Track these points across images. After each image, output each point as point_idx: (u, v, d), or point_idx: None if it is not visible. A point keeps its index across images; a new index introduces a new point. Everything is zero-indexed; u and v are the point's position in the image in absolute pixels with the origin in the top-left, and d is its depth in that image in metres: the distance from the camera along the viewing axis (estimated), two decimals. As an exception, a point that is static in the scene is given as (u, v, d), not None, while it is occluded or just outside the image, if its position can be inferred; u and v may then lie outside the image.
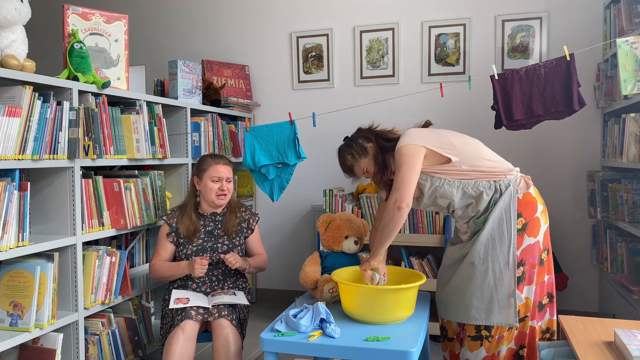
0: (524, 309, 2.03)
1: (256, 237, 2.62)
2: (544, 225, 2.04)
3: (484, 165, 2.05)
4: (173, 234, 2.48)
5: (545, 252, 2.06)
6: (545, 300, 2.07)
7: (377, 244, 2.11)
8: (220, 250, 2.45)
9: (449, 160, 2.04)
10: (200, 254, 2.43)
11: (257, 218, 2.63)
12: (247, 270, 2.51)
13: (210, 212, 2.53)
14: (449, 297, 2.13)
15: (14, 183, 1.92)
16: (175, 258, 2.50)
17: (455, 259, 2.14)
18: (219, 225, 2.51)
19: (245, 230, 2.56)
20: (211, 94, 3.48)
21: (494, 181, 2.03)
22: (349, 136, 2.30)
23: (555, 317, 2.09)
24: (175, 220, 2.48)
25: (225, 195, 2.48)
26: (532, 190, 2.05)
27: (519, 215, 2.01)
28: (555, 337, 2.08)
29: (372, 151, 2.20)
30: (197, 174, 2.51)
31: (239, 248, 2.50)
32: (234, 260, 2.37)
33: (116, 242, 2.90)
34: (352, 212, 3.11)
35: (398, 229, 2.04)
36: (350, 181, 2.39)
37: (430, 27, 3.61)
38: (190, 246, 2.44)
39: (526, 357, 2.05)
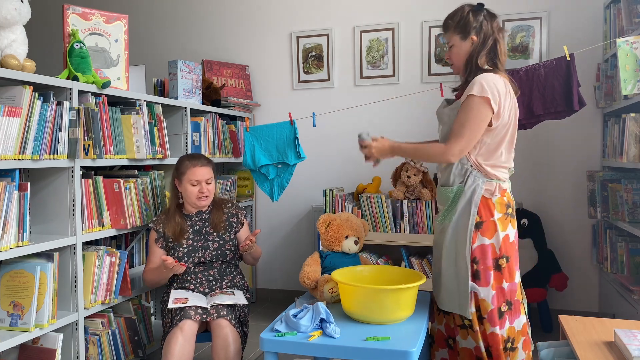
0: (483, 310, 2.02)
1: (247, 231, 2.62)
2: (502, 232, 2.02)
3: (493, 160, 2.03)
4: (161, 239, 2.48)
5: (504, 259, 2.02)
6: (504, 308, 2.04)
7: (408, 146, 2.19)
8: (211, 248, 2.46)
9: (490, 125, 1.97)
10: (192, 254, 2.43)
11: (244, 212, 2.64)
12: (245, 259, 2.55)
13: (195, 211, 2.53)
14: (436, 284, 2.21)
15: (14, 183, 1.92)
16: None
17: (436, 246, 2.21)
18: (207, 223, 2.51)
19: (235, 225, 2.56)
20: (211, 94, 3.48)
21: (470, 172, 2.03)
22: (486, 8, 2.07)
23: (514, 325, 2.06)
24: (161, 225, 2.48)
25: (206, 197, 2.48)
26: (496, 200, 2.02)
27: (476, 213, 2.01)
28: (515, 345, 2.06)
29: (470, 44, 2.04)
30: (176, 176, 2.51)
31: (230, 243, 2.50)
32: (253, 244, 2.41)
33: (116, 242, 2.90)
34: (352, 212, 3.11)
35: (427, 158, 2.15)
36: (350, 181, 2.40)
37: (430, 27, 3.61)
38: (180, 248, 2.44)
39: (494, 357, 2.03)
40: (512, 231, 2.06)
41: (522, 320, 2.08)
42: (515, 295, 2.06)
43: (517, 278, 2.07)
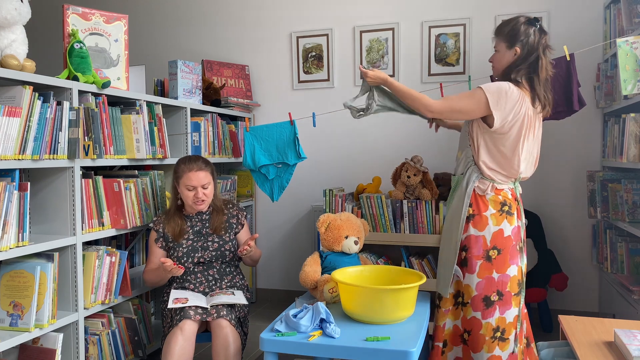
0: (466, 295, 2.17)
1: (247, 232, 2.62)
2: (494, 226, 2.14)
3: (490, 163, 2.17)
4: (161, 239, 2.48)
5: (495, 251, 2.15)
6: (494, 297, 2.14)
7: (401, 85, 2.28)
8: (211, 249, 2.45)
9: (490, 125, 2.12)
10: (192, 254, 2.43)
11: (245, 213, 2.63)
12: (244, 261, 2.54)
13: (195, 212, 2.53)
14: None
15: (14, 183, 1.92)
16: None
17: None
18: (207, 224, 2.51)
19: (235, 226, 2.56)
20: (211, 94, 3.48)
21: (471, 166, 2.19)
22: (540, 24, 2.21)
23: (505, 316, 2.14)
24: (161, 225, 2.49)
25: (202, 201, 2.46)
26: (489, 197, 2.16)
27: (470, 205, 2.17)
28: (506, 335, 2.14)
29: (513, 55, 2.17)
30: (175, 179, 2.51)
31: (230, 244, 2.50)
32: (251, 248, 2.39)
33: (116, 242, 2.90)
34: (352, 212, 3.11)
35: (411, 101, 2.23)
36: (350, 181, 2.45)
37: (430, 27, 3.61)
38: (180, 248, 2.44)
39: (469, 342, 2.18)
40: (507, 226, 2.16)
41: (513, 312, 2.15)
42: (507, 287, 2.15)
43: (512, 271, 2.15)
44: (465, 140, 2.26)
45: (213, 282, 2.44)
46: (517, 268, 2.16)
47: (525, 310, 2.26)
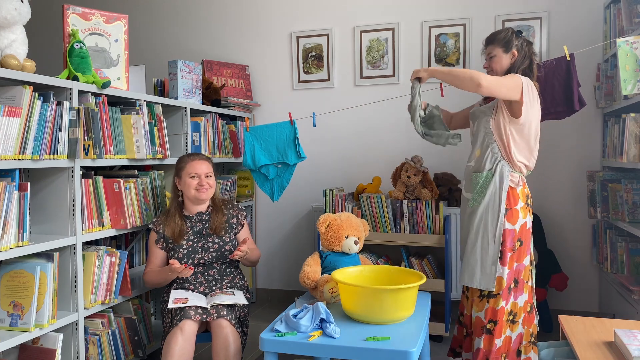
0: (498, 287, 2.29)
1: (247, 232, 2.62)
2: (522, 219, 2.32)
3: (518, 155, 2.31)
4: (162, 240, 2.48)
5: (519, 242, 2.32)
6: (512, 285, 2.32)
7: (445, 69, 2.41)
8: (211, 250, 2.45)
9: (518, 115, 2.27)
10: (192, 255, 2.43)
11: (244, 213, 2.63)
12: (242, 262, 2.54)
13: (195, 212, 2.53)
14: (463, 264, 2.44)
15: (14, 183, 1.92)
16: (168, 263, 2.50)
17: (464, 228, 2.47)
18: (207, 225, 2.51)
19: (235, 226, 2.56)
20: (211, 94, 3.48)
21: (500, 161, 2.32)
22: (521, 33, 2.42)
23: (517, 301, 2.33)
24: (161, 226, 2.49)
25: (206, 189, 2.48)
26: (519, 190, 2.32)
27: (506, 198, 2.30)
28: (516, 319, 2.33)
29: (511, 58, 2.36)
30: (176, 174, 2.54)
31: (230, 245, 2.50)
32: (242, 253, 2.40)
33: (116, 242, 2.90)
34: (352, 212, 3.11)
35: (461, 82, 2.28)
36: (350, 181, 2.47)
37: (430, 27, 3.61)
38: (180, 249, 2.44)
39: (495, 331, 2.29)
40: (529, 219, 2.36)
41: (524, 297, 2.34)
42: (522, 275, 2.33)
43: (527, 261, 2.35)
44: (488, 137, 2.36)
45: (213, 283, 2.44)
46: (529, 257, 2.37)
47: (531, 284, 2.41)
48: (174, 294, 2.30)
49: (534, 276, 2.41)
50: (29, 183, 2.01)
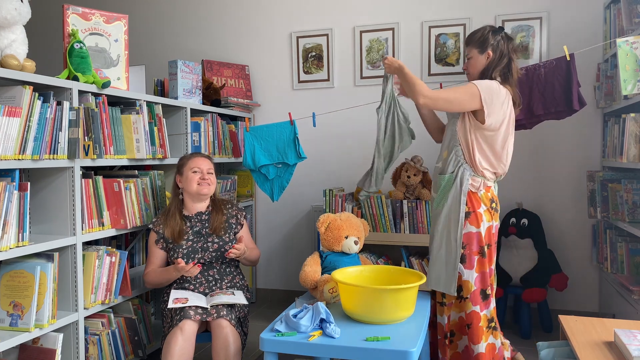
0: (465, 290, 2.28)
1: (246, 232, 2.62)
2: (487, 222, 2.28)
3: (483, 162, 2.28)
4: (162, 240, 2.48)
5: (487, 246, 2.29)
6: (489, 290, 2.31)
7: (409, 73, 2.31)
8: (210, 249, 2.45)
9: (482, 122, 2.23)
10: (192, 255, 2.43)
11: (244, 213, 2.64)
12: (241, 261, 2.54)
13: (195, 212, 2.53)
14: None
15: (14, 183, 1.92)
16: (168, 263, 2.50)
17: (431, 231, 2.45)
18: (206, 225, 2.51)
19: (235, 226, 2.56)
20: (211, 94, 3.48)
21: (462, 165, 2.28)
22: (505, 32, 2.35)
23: (493, 307, 2.32)
24: (161, 226, 2.49)
25: (208, 184, 2.49)
26: (481, 194, 2.28)
27: (465, 202, 2.27)
28: (495, 324, 2.31)
29: (486, 59, 2.31)
30: (178, 171, 2.56)
31: (230, 244, 2.49)
32: (239, 251, 2.39)
33: (116, 242, 2.90)
34: (352, 212, 3.11)
35: (410, 92, 2.29)
36: (350, 181, 2.47)
37: (430, 27, 3.61)
38: (180, 249, 2.44)
39: (469, 335, 2.28)
40: (494, 223, 2.33)
41: (494, 302, 2.35)
42: (491, 280, 2.33)
43: (494, 265, 2.36)
44: (453, 139, 2.33)
45: (213, 283, 2.44)
46: (494, 262, 2.37)
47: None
48: (174, 294, 2.30)
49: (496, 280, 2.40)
50: (29, 183, 2.01)
